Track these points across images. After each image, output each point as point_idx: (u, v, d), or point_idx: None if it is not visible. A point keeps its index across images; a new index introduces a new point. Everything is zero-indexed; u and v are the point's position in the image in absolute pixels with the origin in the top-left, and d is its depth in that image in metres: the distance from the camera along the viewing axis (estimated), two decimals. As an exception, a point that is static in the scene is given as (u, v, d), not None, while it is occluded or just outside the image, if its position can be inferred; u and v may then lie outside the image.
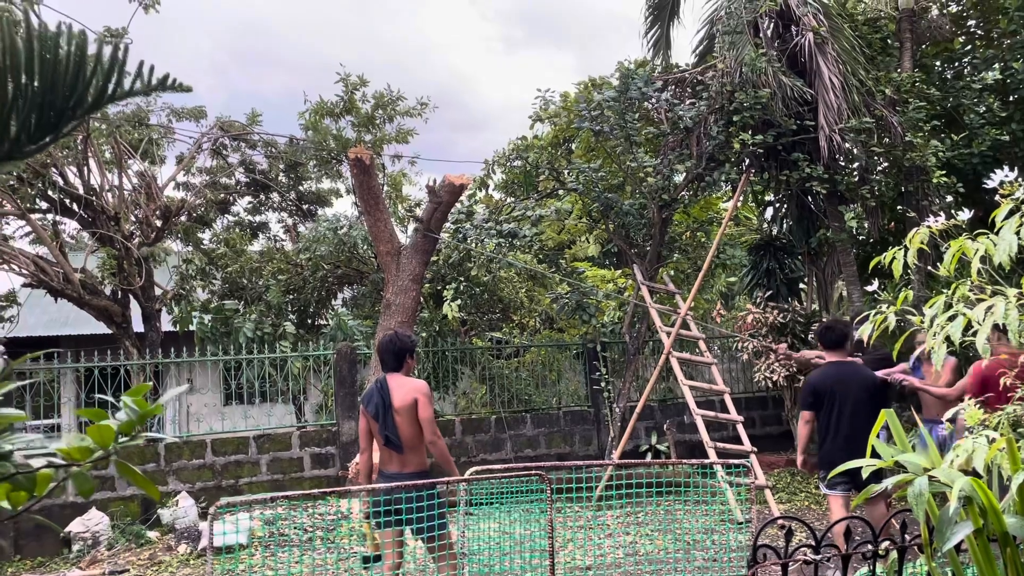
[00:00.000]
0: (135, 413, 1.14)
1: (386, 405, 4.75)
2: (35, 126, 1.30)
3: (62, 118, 1.33)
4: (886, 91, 10.13)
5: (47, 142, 1.29)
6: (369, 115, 14.13)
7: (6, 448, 1.10)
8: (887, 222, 11.68)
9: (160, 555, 7.95)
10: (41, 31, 1.31)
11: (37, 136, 1.30)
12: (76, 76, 1.33)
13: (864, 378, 5.70)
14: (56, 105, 1.31)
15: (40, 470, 1.12)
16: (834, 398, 5.60)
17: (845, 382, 5.63)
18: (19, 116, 1.30)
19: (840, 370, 5.71)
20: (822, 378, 5.75)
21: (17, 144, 1.31)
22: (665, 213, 10.32)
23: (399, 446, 4.72)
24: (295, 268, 13.46)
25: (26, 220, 11.94)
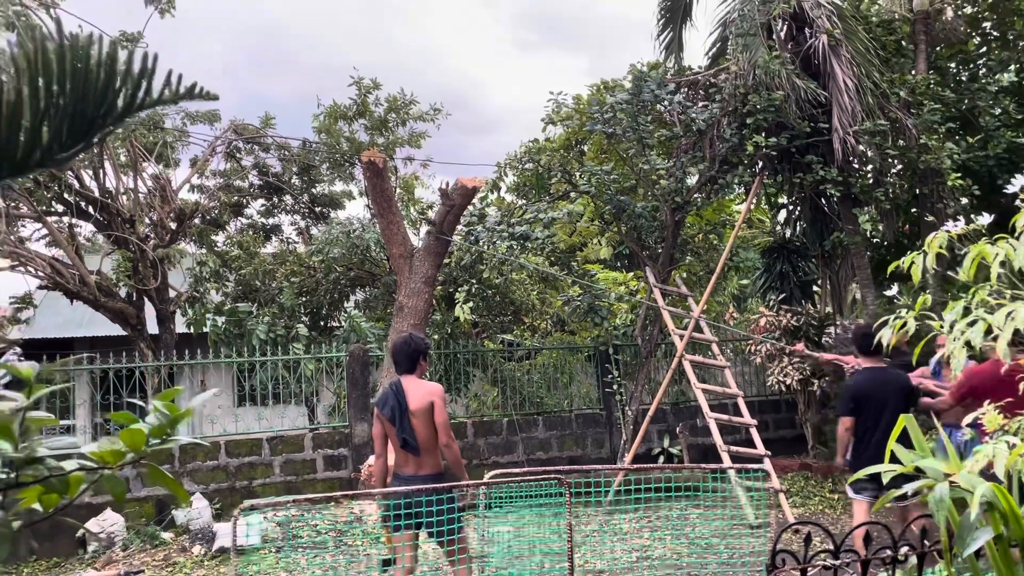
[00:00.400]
0: (166, 417, 1.16)
1: (402, 408, 4.75)
2: (67, 134, 1.32)
3: (93, 126, 1.35)
4: (901, 93, 10.08)
5: (78, 150, 1.31)
6: (382, 118, 14.18)
7: (40, 452, 1.11)
8: (901, 225, 11.63)
9: (175, 556, 8.00)
10: (72, 40, 1.33)
11: (69, 144, 1.32)
12: (107, 85, 1.35)
13: (901, 384, 5.76)
14: (87, 114, 1.33)
15: (72, 473, 1.14)
16: (871, 404, 5.65)
17: (883, 388, 5.69)
18: (51, 125, 1.31)
19: (878, 376, 5.77)
20: (861, 384, 5.79)
21: (49, 152, 1.33)
22: (678, 216, 10.31)
23: (416, 448, 4.72)
24: (308, 270, 13.51)
25: (42, 223, 12.04)
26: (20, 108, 1.29)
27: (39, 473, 1.10)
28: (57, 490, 1.13)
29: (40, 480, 1.11)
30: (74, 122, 1.33)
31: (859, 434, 5.76)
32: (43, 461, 1.12)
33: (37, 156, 1.31)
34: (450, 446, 4.77)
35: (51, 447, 1.16)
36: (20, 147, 1.31)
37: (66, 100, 1.31)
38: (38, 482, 1.12)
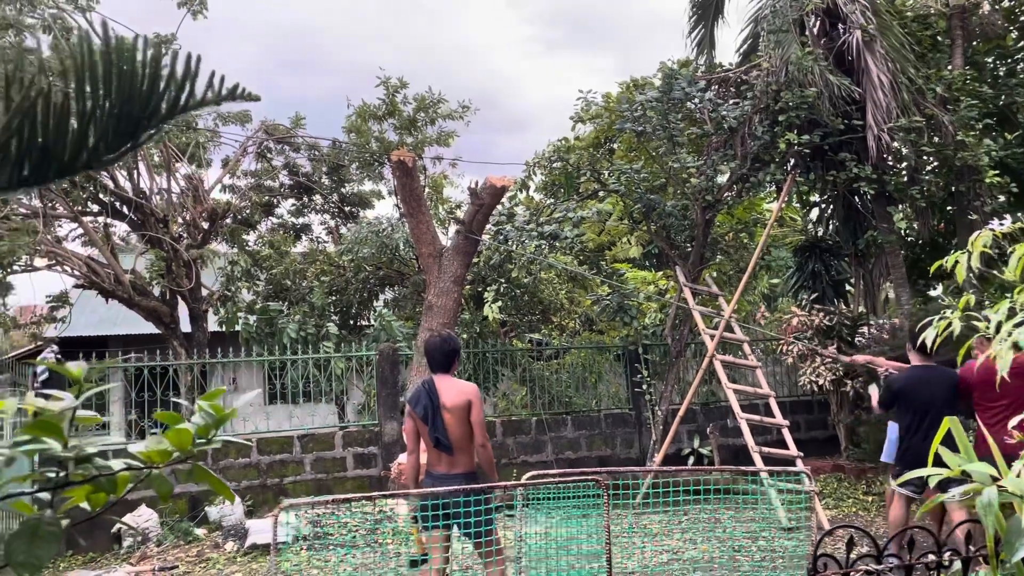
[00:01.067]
0: (211, 417, 1.16)
1: (435, 406, 4.73)
2: (113, 136, 1.33)
3: (138, 128, 1.36)
4: (937, 89, 9.91)
5: (125, 151, 1.32)
6: (411, 118, 14.23)
7: (89, 451, 1.12)
8: (937, 223, 11.43)
9: (208, 552, 8.09)
10: (118, 43, 1.34)
11: (115, 145, 1.33)
12: (152, 87, 1.36)
13: (949, 382, 5.84)
14: (133, 115, 1.34)
15: (120, 472, 1.15)
16: (917, 401, 5.77)
17: (929, 385, 5.81)
18: (97, 127, 1.33)
19: (925, 373, 5.88)
20: (907, 381, 5.94)
21: (96, 153, 1.34)
22: (708, 214, 10.22)
23: (448, 447, 4.71)
24: (337, 270, 13.60)
25: (78, 222, 12.25)
26: (67, 110, 1.31)
27: (88, 472, 1.11)
28: (105, 489, 1.14)
29: (89, 479, 1.12)
30: (120, 123, 1.34)
31: (907, 430, 5.91)
32: (92, 460, 1.13)
33: (84, 158, 1.32)
34: (485, 446, 4.76)
35: (99, 446, 1.17)
36: (67, 149, 1.32)
37: (112, 102, 1.32)
38: (87, 481, 1.13)
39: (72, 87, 1.32)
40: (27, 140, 1.28)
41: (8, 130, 1.22)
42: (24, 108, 1.25)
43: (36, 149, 1.30)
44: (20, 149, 1.24)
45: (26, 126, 1.27)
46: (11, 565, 1.07)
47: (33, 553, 1.06)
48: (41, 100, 1.27)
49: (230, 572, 7.42)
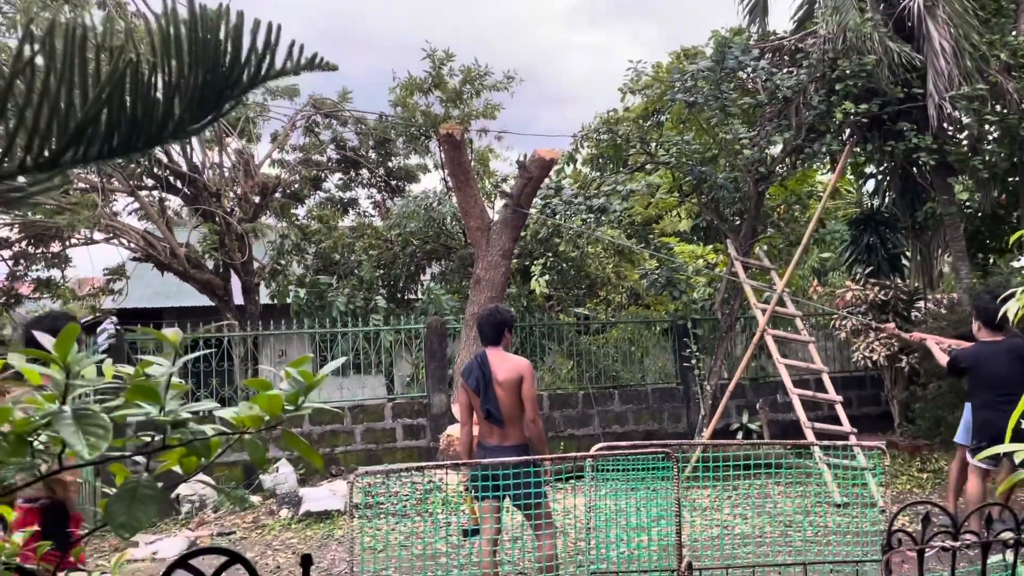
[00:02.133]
0: (300, 384, 1.18)
1: (487, 379, 4.78)
2: (197, 106, 1.34)
3: (221, 98, 1.37)
4: (1001, 56, 9.54)
5: (209, 121, 1.33)
6: (457, 90, 14.18)
7: (183, 415, 1.15)
8: (999, 195, 11.07)
9: (263, 519, 8.30)
10: (202, 14, 1.35)
11: (199, 116, 1.34)
12: (235, 57, 1.37)
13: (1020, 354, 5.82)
14: (216, 86, 1.35)
15: (214, 437, 1.17)
16: (992, 375, 5.78)
17: (1005, 359, 5.79)
18: (182, 98, 1.34)
19: (999, 347, 5.87)
20: (978, 355, 5.94)
21: (181, 124, 1.35)
22: (761, 187, 10.04)
23: (500, 420, 4.76)
24: (385, 244, 13.70)
25: (135, 196, 12.51)
26: (155, 81, 1.32)
27: (184, 436, 1.13)
28: (199, 453, 1.16)
29: (184, 443, 1.15)
30: (204, 94, 1.35)
31: (980, 405, 5.90)
32: (187, 424, 1.15)
33: (170, 128, 1.34)
34: (536, 421, 4.78)
35: (192, 411, 1.19)
36: (155, 119, 1.34)
37: (197, 72, 1.33)
38: (182, 445, 1.15)
39: (158, 58, 1.33)
40: (117, 111, 1.30)
41: (99, 101, 1.24)
42: (114, 79, 1.27)
43: (125, 120, 1.32)
44: (111, 120, 1.27)
45: (116, 97, 1.29)
46: (112, 526, 1.10)
47: (133, 515, 1.09)
48: (130, 71, 1.29)
49: (285, 538, 7.61)
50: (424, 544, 5.70)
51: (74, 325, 1.08)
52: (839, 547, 5.37)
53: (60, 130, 1.26)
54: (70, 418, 1.00)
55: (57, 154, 1.28)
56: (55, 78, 1.26)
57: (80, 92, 1.30)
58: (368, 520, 7.35)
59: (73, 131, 1.29)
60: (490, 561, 4.76)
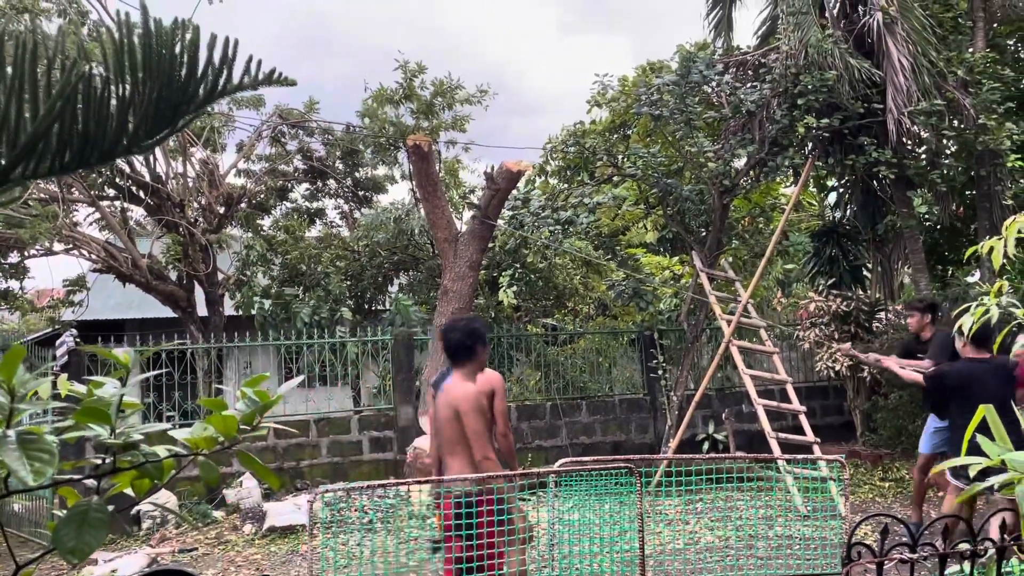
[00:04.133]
0: (255, 404, 1.16)
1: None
2: (152, 121, 1.32)
3: (177, 113, 1.35)
4: (958, 72, 9.78)
5: (164, 136, 1.31)
6: (428, 102, 14.18)
7: (135, 437, 1.12)
8: (956, 208, 11.32)
9: (226, 534, 8.16)
10: (157, 28, 1.33)
11: (154, 130, 1.32)
12: (191, 71, 1.35)
13: (1010, 373, 5.73)
14: (172, 100, 1.33)
15: (166, 459, 1.15)
16: (979, 395, 5.65)
17: (991, 379, 5.64)
18: (137, 112, 1.32)
19: (985, 366, 5.73)
20: (966, 375, 5.75)
21: (135, 139, 1.33)
22: (725, 199, 10.15)
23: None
24: (352, 255, 13.62)
25: (95, 207, 12.30)
26: (108, 95, 1.30)
27: (136, 459, 1.11)
28: (151, 475, 1.14)
29: (136, 466, 1.12)
30: (159, 108, 1.33)
31: (960, 424, 5.81)
32: (138, 446, 1.13)
33: (124, 142, 1.32)
34: (507, 435, 4.78)
35: (144, 432, 1.16)
36: (108, 134, 1.32)
37: (152, 87, 1.31)
38: (134, 467, 1.13)
39: (112, 72, 1.31)
40: (68, 125, 1.28)
41: (50, 115, 1.22)
42: (66, 93, 1.25)
43: (77, 135, 1.29)
44: (62, 134, 1.24)
45: (68, 111, 1.27)
46: (60, 551, 1.08)
47: (82, 539, 1.06)
48: (82, 85, 1.26)
49: (248, 554, 7.49)
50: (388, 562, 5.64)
51: (19, 347, 1.05)
52: (803, 558, 5.42)
53: (9, 145, 1.24)
54: (14, 443, 0.97)
55: (6, 170, 1.25)
56: (3, 91, 1.24)
57: (31, 106, 1.27)
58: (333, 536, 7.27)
59: (23, 146, 1.26)
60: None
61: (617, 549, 4.89)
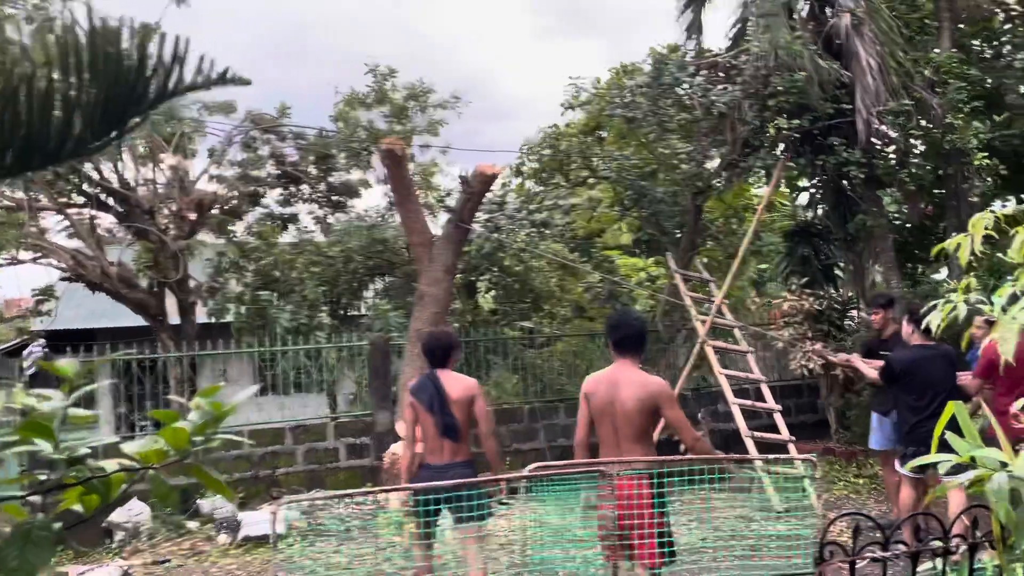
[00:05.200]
0: (209, 415, 1.12)
1: (442, 396, 4.87)
2: (100, 123, 1.28)
3: (125, 114, 1.31)
4: (925, 72, 9.90)
5: (112, 139, 1.27)
6: (401, 106, 14.12)
7: (81, 452, 1.08)
8: (925, 206, 11.46)
9: (201, 545, 8.04)
10: (103, 27, 1.29)
11: (102, 133, 1.28)
12: (139, 72, 1.31)
13: (950, 361, 5.89)
14: (120, 101, 1.29)
15: (114, 474, 1.11)
16: (924, 380, 5.77)
17: (936, 365, 5.81)
18: (83, 114, 1.27)
19: (931, 353, 5.86)
20: (912, 361, 5.92)
21: (82, 142, 1.29)
22: (699, 200, 10.21)
23: (458, 435, 4.85)
24: (327, 260, 13.52)
25: (63, 214, 12.11)
26: (51, 97, 1.26)
27: (81, 474, 1.07)
28: (99, 492, 1.09)
29: (82, 482, 1.08)
30: (106, 111, 1.29)
31: (910, 411, 5.90)
32: (84, 461, 1.08)
33: (70, 146, 1.27)
34: (491, 437, 4.97)
35: (91, 446, 1.12)
36: (52, 137, 1.27)
37: (98, 88, 1.27)
38: (80, 483, 1.08)
39: (56, 73, 1.26)
40: (9, 128, 1.23)
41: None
42: (6, 95, 1.20)
43: (19, 137, 1.24)
44: (2, 137, 1.19)
45: (8, 113, 1.22)
46: (2, 572, 1.03)
47: (26, 559, 1.02)
48: (24, 86, 1.22)
49: (223, 565, 7.39)
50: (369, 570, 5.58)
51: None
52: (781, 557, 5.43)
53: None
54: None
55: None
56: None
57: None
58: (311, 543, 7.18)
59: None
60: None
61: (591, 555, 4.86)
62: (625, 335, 4.48)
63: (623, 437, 4.30)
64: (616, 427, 4.31)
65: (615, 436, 4.32)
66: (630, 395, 4.27)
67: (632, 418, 4.26)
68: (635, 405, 4.25)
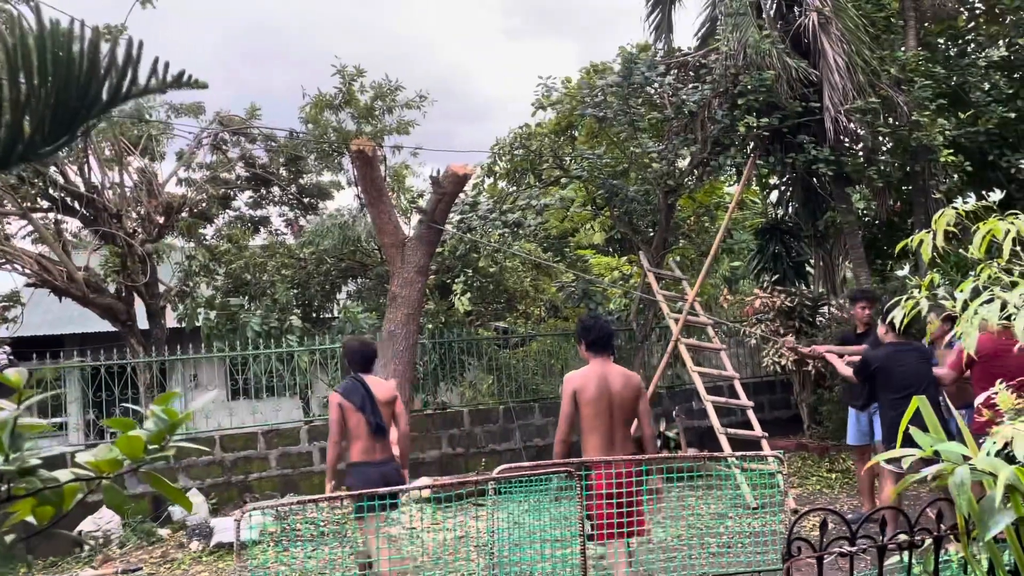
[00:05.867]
0: (164, 422, 1.10)
1: (371, 397, 5.33)
2: (50, 126, 1.25)
3: (77, 117, 1.28)
4: (891, 70, 10.03)
5: (63, 142, 1.24)
6: (368, 106, 14.03)
7: (32, 463, 1.05)
8: (894, 203, 11.60)
9: (172, 552, 7.95)
10: (53, 28, 1.26)
11: (52, 137, 1.25)
12: (90, 74, 1.28)
13: (929, 358, 5.95)
14: (70, 104, 1.27)
15: (67, 484, 1.08)
16: (900, 377, 5.83)
17: (911, 361, 5.87)
18: (33, 117, 1.25)
19: (905, 349, 5.93)
20: (887, 358, 5.96)
21: (32, 145, 1.26)
22: (670, 199, 10.26)
23: (385, 432, 5.36)
24: (299, 262, 13.41)
25: (28, 219, 11.89)
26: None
27: (32, 485, 1.04)
28: (52, 502, 1.07)
29: (33, 492, 1.05)
30: (57, 114, 1.26)
31: (888, 407, 5.94)
32: (36, 472, 1.06)
33: (20, 150, 1.24)
34: (408, 433, 5.61)
35: (43, 457, 1.10)
36: (1, 141, 1.24)
37: (48, 91, 1.24)
38: (31, 495, 1.06)
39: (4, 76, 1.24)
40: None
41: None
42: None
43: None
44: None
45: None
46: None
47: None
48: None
49: (195, 572, 7.30)
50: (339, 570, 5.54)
51: None
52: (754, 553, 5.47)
53: None
54: None
55: None
56: None
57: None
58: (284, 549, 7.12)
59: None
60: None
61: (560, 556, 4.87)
62: (599, 336, 4.91)
63: (618, 425, 4.75)
64: (612, 416, 4.73)
65: (610, 425, 4.73)
66: (622, 386, 4.76)
67: (626, 407, 4.76)
68: (628, 394, 4.75)
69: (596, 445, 4.75)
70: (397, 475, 5.35)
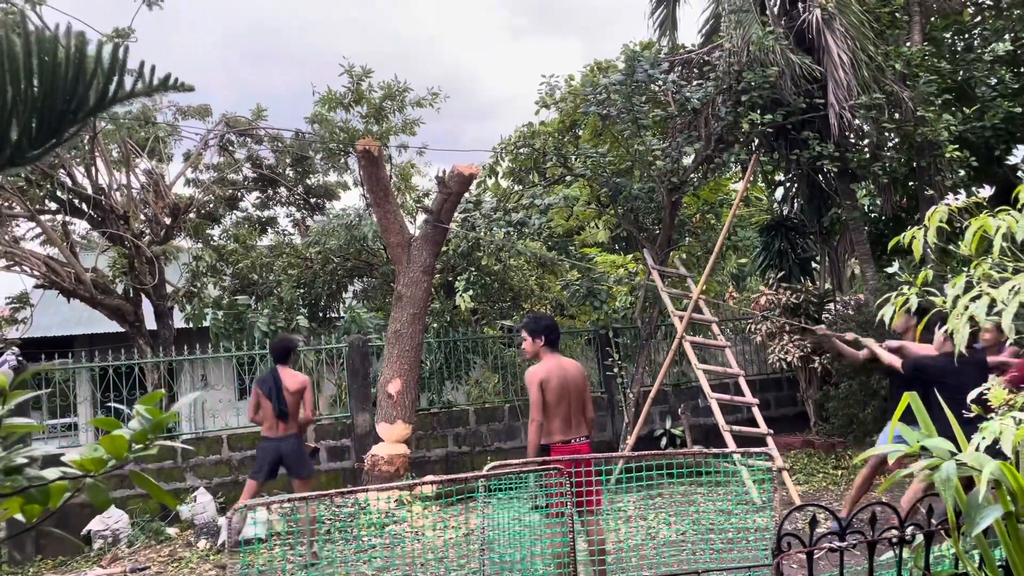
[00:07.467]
0: (148, 422, 1.12)
1: (279, 388, 6.90)
2: (37, 131, 1.27)
3: (63, 121, 1.30)
4: (896, 66, 9.99)
5: (50, 146, 1.26)
6: (378, 105, 14.07)
7: (18, 461, 1.07)
8: (899, 199, 11.56)
9: (180, 551, 7.99)
10: (39, 33, 1.28)
11: (39, 141, 1.27)
12: (76, 78, 1.30)
13: (985, 368, 5.71)
14: (57, 108, 1.29)
15: (54, 482, 1.10)
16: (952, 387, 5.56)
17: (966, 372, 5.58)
18: (19, 121, 1.27)
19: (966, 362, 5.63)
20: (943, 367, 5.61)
21: (19, 150, 1.28)
22: (675, 196, 10.24)
23: (287, 416, 6.95)
24: (305, 262, 13.46)
25: (36, 222, 11.98)
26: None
27: (18, 484, 1.06)
28: (38, 500, 1.09)
29: (19, 491, 1.07)
30: (44, 117, 1.28)
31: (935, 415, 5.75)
32: (22, 471, 1.08)
33: (7, 153, 1.27)
34: (310, 418, 7.18)
35: (42, 456, 1.12)
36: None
37: (34, 96, 1.26)
38: (17, 493, 1.08)
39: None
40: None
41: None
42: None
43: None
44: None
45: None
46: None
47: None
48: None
49: (203, 571, 7.34)
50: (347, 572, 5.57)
51: None
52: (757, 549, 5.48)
53: None
54: None
55: None
56: None
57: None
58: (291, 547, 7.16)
59: None
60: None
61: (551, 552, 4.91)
62: (557, 333, 5.75)
63: (575, 410, 5.49)
64: (571, 402, 5.45)
65: (569, 410, 5.46)
66: (576, 376, 5.51)
67: (581, 393, 5.50)
68: (581, 382, 5.53)
69: (559, 426, 5.40)
70: (292, 447, 6.98)
